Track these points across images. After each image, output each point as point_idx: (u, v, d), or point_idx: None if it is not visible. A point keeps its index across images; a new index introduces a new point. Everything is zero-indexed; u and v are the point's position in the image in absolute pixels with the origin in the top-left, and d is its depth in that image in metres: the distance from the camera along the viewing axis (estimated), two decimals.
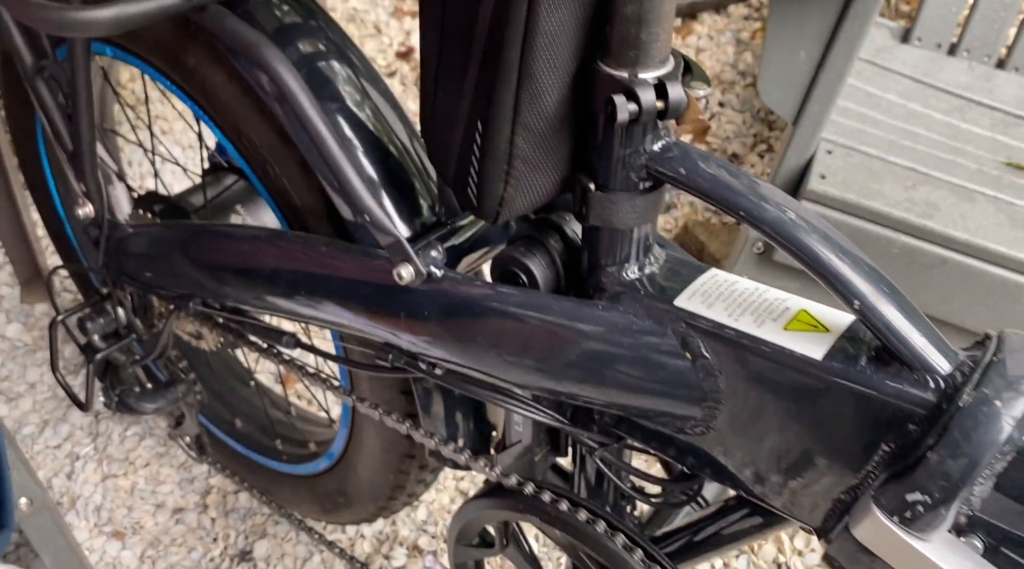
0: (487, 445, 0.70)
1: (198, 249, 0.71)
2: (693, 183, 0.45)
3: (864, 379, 0.42)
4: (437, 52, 0.50)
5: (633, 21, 0.42)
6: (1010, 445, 0.38)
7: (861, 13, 0.80)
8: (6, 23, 0.70)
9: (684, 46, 1.83)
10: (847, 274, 0.42)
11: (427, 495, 1.12)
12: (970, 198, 0.90)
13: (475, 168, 0.50)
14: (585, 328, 0.51)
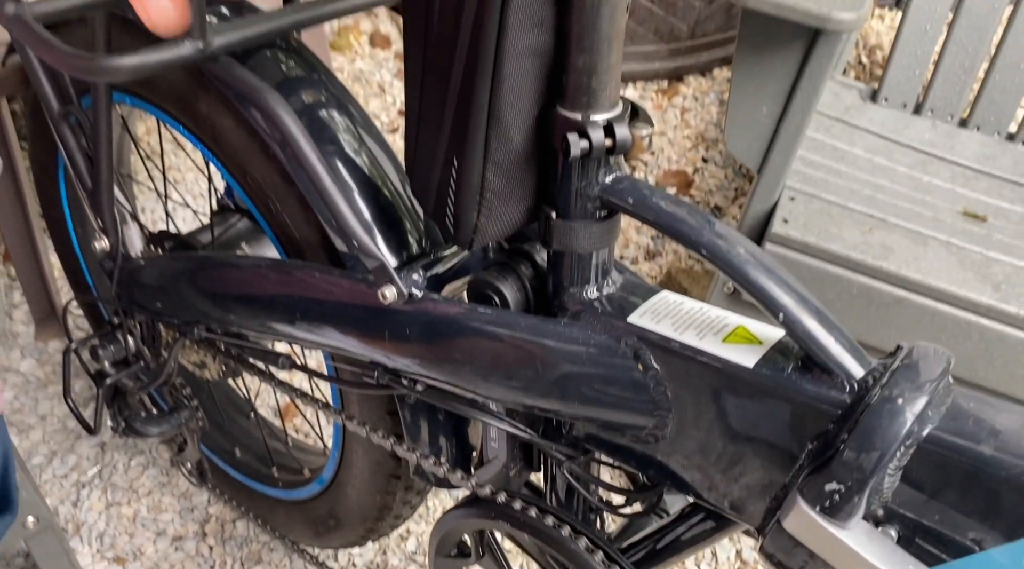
0: (467, 462, 0.74)
1: (203, 278, 0.77)
2: (640, 211, 0.51)
3: (789, 384, 0.47)
4: (419, 100, 0.56)
5: (584, 72, 0.48)
6: (912, 438, 0.43)
7: (816, 72, 0.87)
8: (37, 73, 0.77)
9: (671, 106, 1.91)
10: (773, 290, 0.47)
11: (416, 527, 1.16)
12: (924, 242, 0.96)
13: (452, 200, 0.56)
14: (549, 343, 0.56)
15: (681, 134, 1.85)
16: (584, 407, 0.56)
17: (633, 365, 0.53)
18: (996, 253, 0.98)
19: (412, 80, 0.56)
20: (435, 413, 0.71)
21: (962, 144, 1.29)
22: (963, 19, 1.30)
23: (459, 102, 0.52)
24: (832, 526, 0.45)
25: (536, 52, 0.49)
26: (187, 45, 0.56)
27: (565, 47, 0.48)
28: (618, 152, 0.50)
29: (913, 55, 1.32)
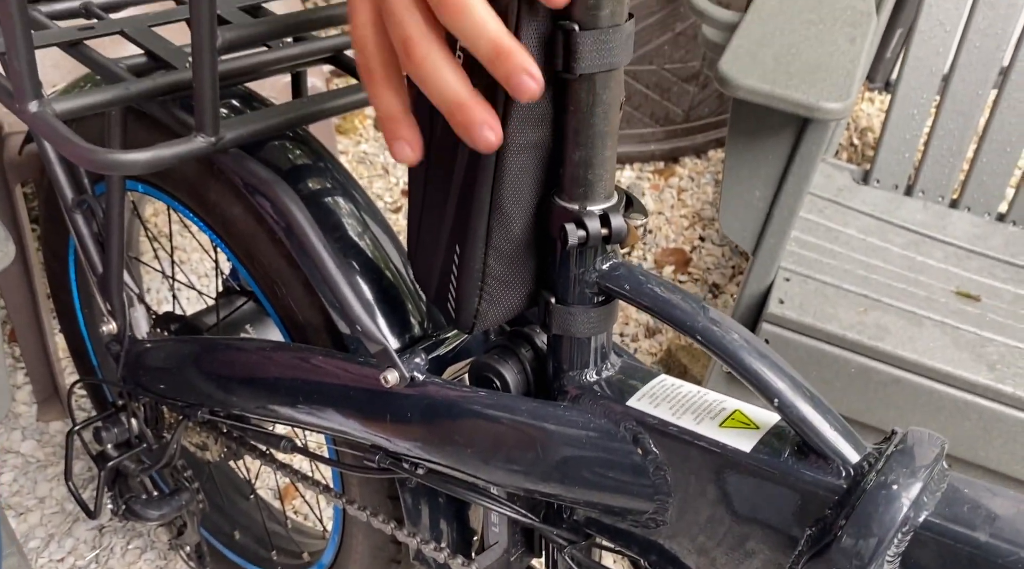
0: (468, 547, 0.74)
1: (207, 361, 0.78)
2: (636, 297, 0.52)
3: (786, 469, 0.48)
4: (422, 189, 0.58)
5: (581, 165, 0.50)
6: (909, 525, 0.43)
7: (807, 158, 0.89)
8: (53, 163, 0.80)
9: (667, 186, 1.94)
10: (767, 375, 0.48)
11: None
12: (919, 323, 0.97)
13: (454, 286, 0.57)
14: (549, 427, 0.56)
15: (678, 213, 1.88)
16: (584, 491, 0.57)
17: (633, 449, 0.54)
18: (990, 333, 0.99)
19: (416, 170, 0.58)
20: (436, 497, 0.71)
21: (953, 224, 1.31)
22: (949, 103, 1.34)
23: (462, 193, 0.54)
24: None
25: (535, 147, 0.51)
26: (199, 140, 0.59)
27: (562, 142, 0.50)
28: (614, 241, 0.51)
29: (902, 138, 1.35)
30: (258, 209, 0.71)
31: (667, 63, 1.85)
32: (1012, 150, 1.33)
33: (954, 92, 1.33)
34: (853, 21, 0.97)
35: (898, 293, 1.04)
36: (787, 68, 0.86)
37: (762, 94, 0.83)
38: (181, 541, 0.99)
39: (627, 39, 0.47)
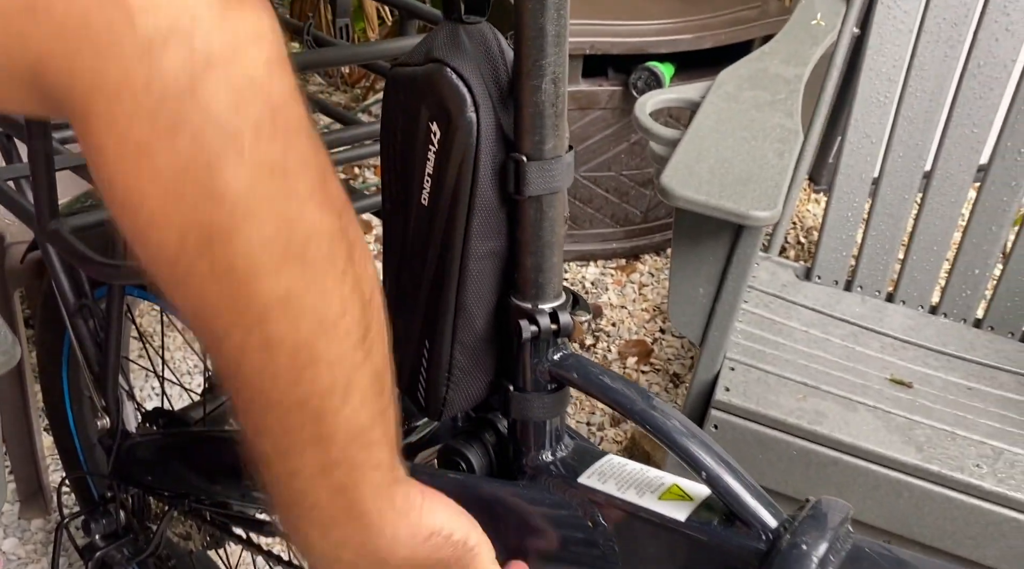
0: None
1: (194, 453, 0.83)
2: (584, 384, 0.59)
3: (715, 535, 0.54)
4: (395, 291, 0.65)
5: (532, 270, 0.58)
6: None
7: (743, 259, 0.98)
8: (57, 271, 0.86)
9: (629, 282, 2.04)
10: (697, 453, 0.55)
11: None
12: (854, 408, 1.04)
13: (423, 377, 0.64)
14: (509, 503, 0.62)
15: (639, 307, 1.97)
16: (543, 563, 0.62)
17: (584, 522, 0.59)
18: (919, 417, 1.06)
19: (389, 275, 0.65)
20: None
21: (889, 317, 1.40)
22: (879, 206, 1.45)
23: (430, 295, 0.61)
24: None
25: (494, 255, 0.59)
26: None
27: (516, 251, 0.58)
28: (562, 335, 0.59)
29: (839, 238, 1.46)
30: None
31: (624, 169, 1.97)
32: (939, 248, 1.43)
33: (883, 196, 1.44)
34: (782, 138, 1.08)
35: (835, 381, 1.11)
36: (721, 180, 0.96)
37: (698, 204, 0.92)
38: None
39: (567, 167, 0.56)
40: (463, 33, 0.55)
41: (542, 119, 0.53)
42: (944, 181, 1.42)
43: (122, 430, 0.89)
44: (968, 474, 0.96)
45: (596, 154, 1.94)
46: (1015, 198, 1.39)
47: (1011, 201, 1.39)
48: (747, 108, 1.15)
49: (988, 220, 1.40)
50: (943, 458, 0.98)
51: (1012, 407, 1.17)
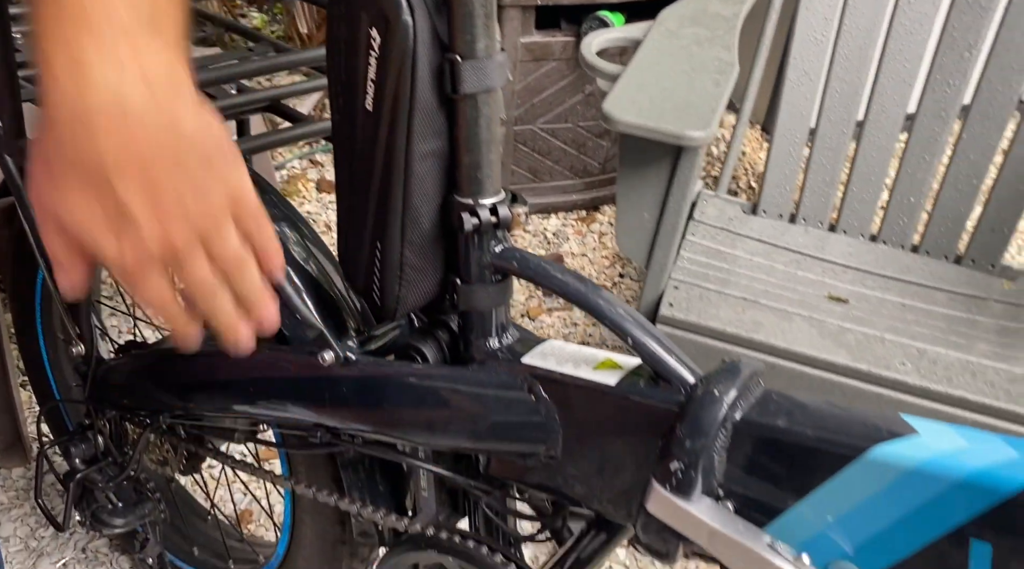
0: (403, 512, 0.83)
1: (166, 371, 0.87)
2: (524, 272, 0.64)
3: (641, 393, 0.59)
4: (347, 200, 0.69)
5: (472, 167, 0.63)
6: (728, 421, 0.55)
7: (683, 181, 1.04)
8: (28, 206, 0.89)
9: (589, 231, 2.09)
10: (624, 322, 0.60)
11: None
12: (789, 318, 1.10)
13: (377, 277, 0.69)
14: (461, 387, 0.67)
15: (600, 254, 2.02)
16: (492, 440, 0.67)
17: (528, 397, 0.65)
18: (851, 325, 1.13)
19: (341, 186, 0.69)
20: (372, 468, 0.81)
21: (832, 245, 1.47)
22: (819, 142, 1.51)
23: (379, 198, 0.66)
24: (680, 500, 0.56)
25: (435, 155, 0.63)
26: None
27: (456, 149, 0.63)
28: (502, 226, 0.64)
29: (783, 173, 1.52)
30: None
31: (581, 121, 2.02)
32: (876, 178, 1.50)
33: (823, 131, 1.50)
34: (719, 70, 1.13)
35: (774, 297, 1.18)
36: (660, 107, 1.01)
37: (639, 126, 0.97)
38: (144, 554, 1.05)
39: (499, 67, 0.60)
40: None
41: (473, 20, 0.58)
42: (879, 114, 1.48)
43: (96, 356, 0.93)
44: (894, 371, 1.03)
45: (552, 106, 1.98)
46: (946, 129, 1.46)
47: (942, 132, 1.46)
48: (687, 44, 1.20)
49: (921, 150, 1.47)
50: (871, 359, 1.04)
51: (940, 318, 1.24)
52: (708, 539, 0.55)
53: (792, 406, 0.55)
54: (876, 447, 0.50)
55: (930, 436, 0.50)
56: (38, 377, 1.20)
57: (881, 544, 0.51)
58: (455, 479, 0.74)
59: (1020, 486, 0.45)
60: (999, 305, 1.34)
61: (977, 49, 1.43)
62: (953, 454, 0.48)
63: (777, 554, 0.53)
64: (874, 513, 0.51)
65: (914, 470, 0.48)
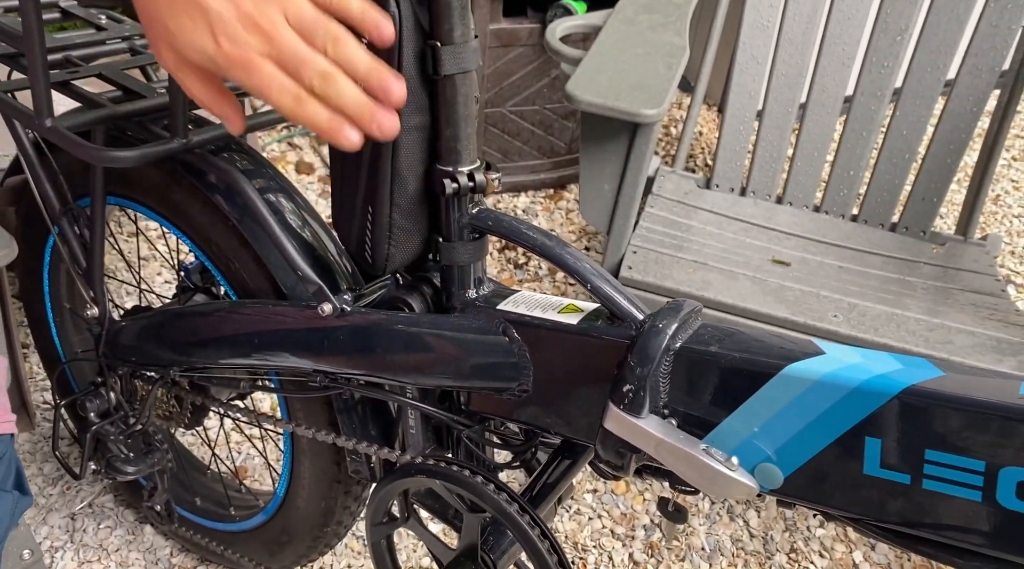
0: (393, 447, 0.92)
1: (176, 327, 0.95)
2: (498, 230, 0.73)
3: (598, 330, 0.68)
4: (340, 169, 0.78)
5: (451, 139, 0.71)
6: (670, 348, 0.64)
7: (639, 154, 1.13)
8: (42, 181, 0.96)
9: (557, 208, 2.18)
10: (584, 270, 0.69)
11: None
12: (735, 278, 1.20)
13: (369, 238, 0.77)
14: (444, 332, 0.76)
15: (567, 230, 2.12)
16: (472, 378, 0.76)
17: (502, 339, 0.74)
18: (791, 283, 1.24)
19: (335, 157, 0.78)
20: (365, 411, 0.89)
21: (778, 215, 1.58)
22: (766, 120, 1.61)
23: (370, 167, 0.74)
24: (632, 417, 0.65)
25: (419, 129, 0.72)
26: (175, 142, 0.78)
27: (437, 124, 0.71)
28: (478, 191, 0.72)
29: (733, 149, 1.62)
30: (215, 202, 0.89)
31: (547, 104, 2.10)
32: (818, 154, 1.61)
33: (769, 110, 1.60)
34: (671, 53, 1.22)
35: (723, 260, 1.28)
36: (618, 87, 1.10)
37: (598, 105, 1.06)
38: (153, 501, 1.13)
39: (474, 51, 0.69)
40: None
41: (451, 11, 0.66)
42: (821, 95, 1.59)
43: (109, 317, 1.00)
44: (827, 323, 1.14)
45: (520, 89, 2.06)
46: (881, 108, 1.57)
47: (878, 109, 1.57)
48: (642, 29, 1.29)
49: (860, 127, 1.58)
50: (807, 312, 1.15)
51: (874, 279, 1.35)
52: (655, 449, 0.65)
53: (723, 335, 0.65)
54: (790, 365, 0.60)
55: (834, 354, 0.60)
56: (45, 344, 1.27)
57: (795, 446, 0.61)
58: (439, 415, 0.83)
59: (899, 389, 0.55)
60: (928, 267, 1.46)
61: (908, 34, 1.54)
62: (850, 367, 0.58)
63: (712, 458, 0.63)
64: (789, 420, 0.61)
65: (819, 382, 0.58)
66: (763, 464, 0.63)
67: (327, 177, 2.24)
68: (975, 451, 0.54)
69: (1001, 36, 1.49)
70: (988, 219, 2.30)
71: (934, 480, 0.56)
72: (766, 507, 1.41)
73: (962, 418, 0.53)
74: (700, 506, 1.40)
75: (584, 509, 1.38)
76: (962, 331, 1.18)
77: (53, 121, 0.75)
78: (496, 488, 0.77)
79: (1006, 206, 2.36)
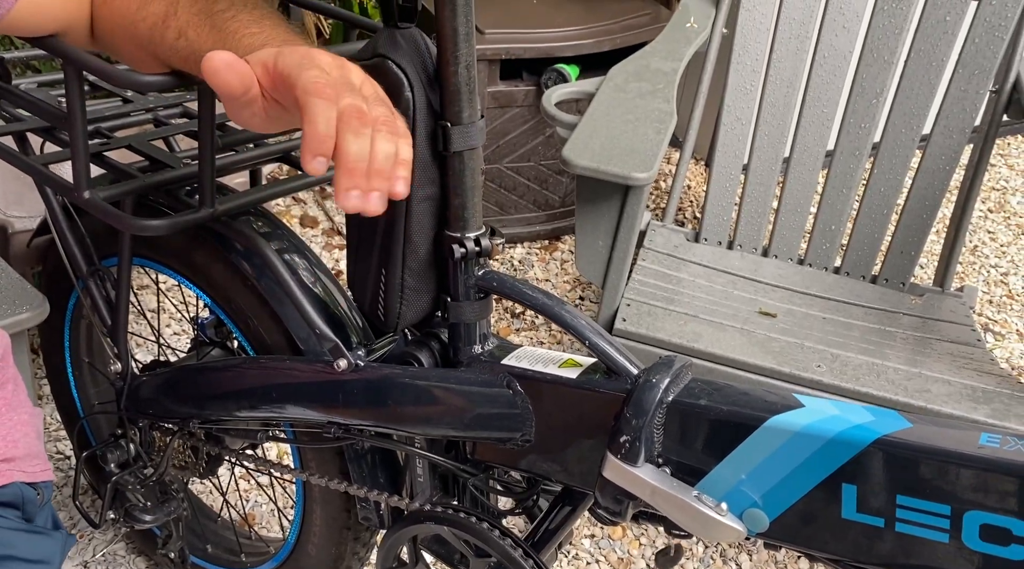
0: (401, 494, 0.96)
1: (195, 381, 0.99)
2: (502, 291, 0.78)
3: (595, 384, 0.73)
4: (357, 234, 0.83)
5: (460, 208, 0.77)
6: (663, 402, 0.69)
7: (632, 213, 1.19)
8: (70, 243, 1.01)
9: (552, 259, 2.24)
10: (583, 328, 0.74)
11: None
12: (724, 330, 1.26)
13: (382, 298, 0.82)
14: (452, 385, 0.81)
15: (562, 280, 2.17)
16: (478, 429, 0.80)
17: (506, 391, 0.78)
18: (777, 335, 1.29)
19: (351, 222, 0.83)
20: (375, 461, 0.93)
21: (764, 268, 1.63)
22: (751, 177, 1.68)
23: (384, 233, 0.80)
24: (628, 466, 0.70)
25: (431, 198, 0.77)
26: (204, 210, 0.83)
27: (447, 194, 0.77)
28: (484, 254, 0.78)
29: (721, 205, 1.69)
30: (235, 264, 0.95)
31: (542, 160, 2.17)
32: (801, 209, 1.67)
33: (754, 168, 1.67)
34: (659, 119, 1.29)
35: (712, 312, 1.33)
36: (610, 152, 1.17)
37: (592, 169, 1.12)
38: (167, 549, 1.16)
39: (480, 130, 0.75)
40: (399, 35, 0.73)
41: (459, 95, 0.72)
42: (803, 152, 1.66)
43: (131, 372, 1.04)
44: (811, 373, 1.19)
45: (516, 147, 2.14)
46: (860, 164, 1.64)
47: (856, 168, 1.64)
48: (632, 97, 1.36)
49: (840, 183, 1.65)
50: (793, 362, 1.20)
51: (856, 329, 1.41)
52: (651, 496, 0.69)
53: (712, 389, 0.70)
54: (772, 418, 0.64)
55: (812, 407, 0.65)
56: (63, 396, 1.31)
57: (779, 492, 0.65)
58: (446, 464, 0.87)
59: (871, 439, 0.60)
60: (907, 318, 1.51)
61: (883, 96, 1.61)
62: (827, 419, 0.63)
63: (703, 504, 0.67)
64: (773, 468, 0.65)
65: (799, 433, 0.63)
66: (750, 509, 0.67)
67: (331, 230, 2.30)
68: (941, 496, 0.58)
69: (970, 99, 1.57)
70: (967, 269, 2.37)
71: (906, 523, 0.60)
72: (757, 550, 1.44)
73: (928, 466, 0.58)
74: (694, 550, 1.43)
75: (582, 554, 1.41)
76: (939, 380, 1.23)
77: (92, 193, 0.81)
78: (501, 533, 0.81)
79: (983, 256, 2.43)
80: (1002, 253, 2.45)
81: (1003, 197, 2.74)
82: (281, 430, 0.99)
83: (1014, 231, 2.56)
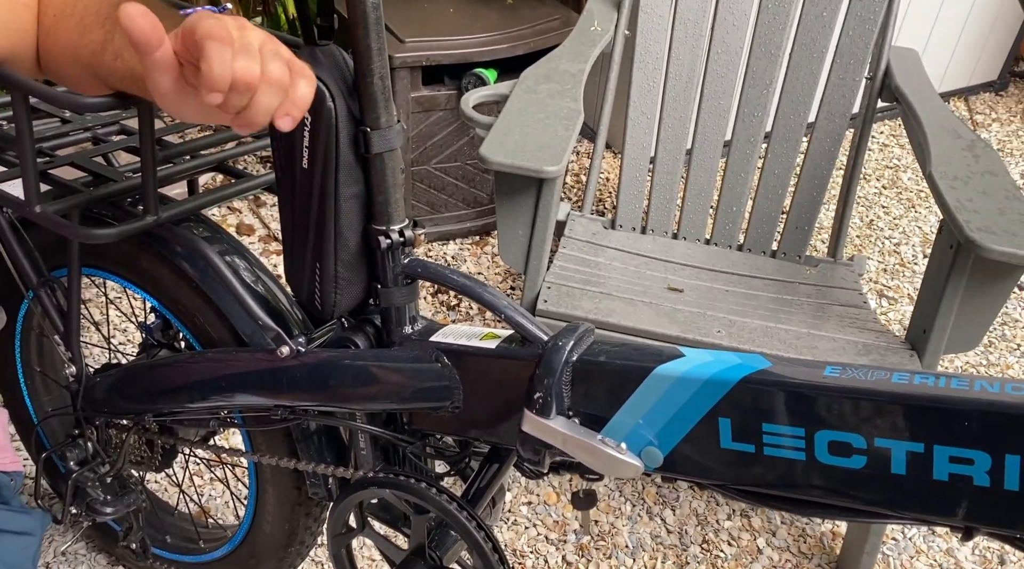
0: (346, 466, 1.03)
1: (148, 378, 1.05)
2: (427, 276, 0.86)
3: (511, 352, 0.82)
4: (291, 231, 0.90)
5: (384, 204, 0.85)
6: (568, 362, 0.78)
7: (546, 204, 1.28)
8: (17, 255, 1.06)
9: (483, 253, 2.33)
10: (500, 305, 0.83)
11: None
12: (634, 305, 1.36)
13: (318, 288, 0.90)
14: (387, 364, 0.89)
15: (493, 272, 2.26)
16: (412, 401, 0.89)
17: (435, 365, 0.87)
18: (683, 307, 1.40)
19: (285, 221, 0.90)
20: (320, 438, 1.01)
21: (674, 249, 1.75)
22: (659, 167, 1.79)
23: (316, 230, 0.87)
24: (543, 419, 0.79)
25: (356, 197, 0.85)
26: (148, 218, 0.89)
27: (371, 192, 0.85)
28: (408, 244, 0.86)
29: (632, 194, 1.80)
30: (179, 266, 1.01)
31: (468, 160, 2.26)
32: (705, 194, 1.79)
33: (660, 159, 1.79)
34: (568, 117, 1.39)
35: (624, 290, 1.44)
36: (523, 148, 1.26)
37: (507, 165, 1.21)
38: (128, 540, 1.21)
39: (398, 133, 0.83)
40: (319, 53, 0.81)
41: (376, 103, 0.80)
42: (704, 142, 1.78)
43: (85, 374, 1.09)
44: (712, 337, 1.30)
45: (443, 148, 2.22)
46: (755, 151, 1.77)
47: (752, 154, 1.77)
48: (543, 97, 1.45)
49: (738, 168, 1.77)
50: (695, 329, 1.31)
51: (755, 299, 1.53)
52: (563, 443, 0.78)
53: (610, 347, 0.79)
54: (658, 367, 0.74)
55: (691, 356, 0.75)
56: (16, 405, 1.34)
57: (669, 430, 0.75)
58: (386, 435, 0.95)
59: (739, 378, 0.70)
60: (803, 287, 1.65)
61: (772, 87, 1.75)
62: (703, 365, 0.73)
63: (607, 446, 0.77)
64: (662, 410, 0.75)
65: (680, 378, 0.73)
66: (647, 447, 0.77)
67: (267, 237, 2.35)
68: (797, 421, 0.69)
69: (848, 86, 1.71)
70: (864, 241, 2.54)
71: (771, 446, 0.71)
72: (680, 506, 1.55)
73: (784, 397, 0.69)
74: (623, 509, 1.54)
75: (520, 519, 1.50)
76: (826, 338, 1.35)
77: (42, 207, 0.86)
78: (438, 491, 0.90)
79: (879, 229, 2.61)
80: (895, 225, 2.64)
81: (896, 174, 2.93)
82: (231, 416, 1.05)
83: (905, 205, 2.75)
